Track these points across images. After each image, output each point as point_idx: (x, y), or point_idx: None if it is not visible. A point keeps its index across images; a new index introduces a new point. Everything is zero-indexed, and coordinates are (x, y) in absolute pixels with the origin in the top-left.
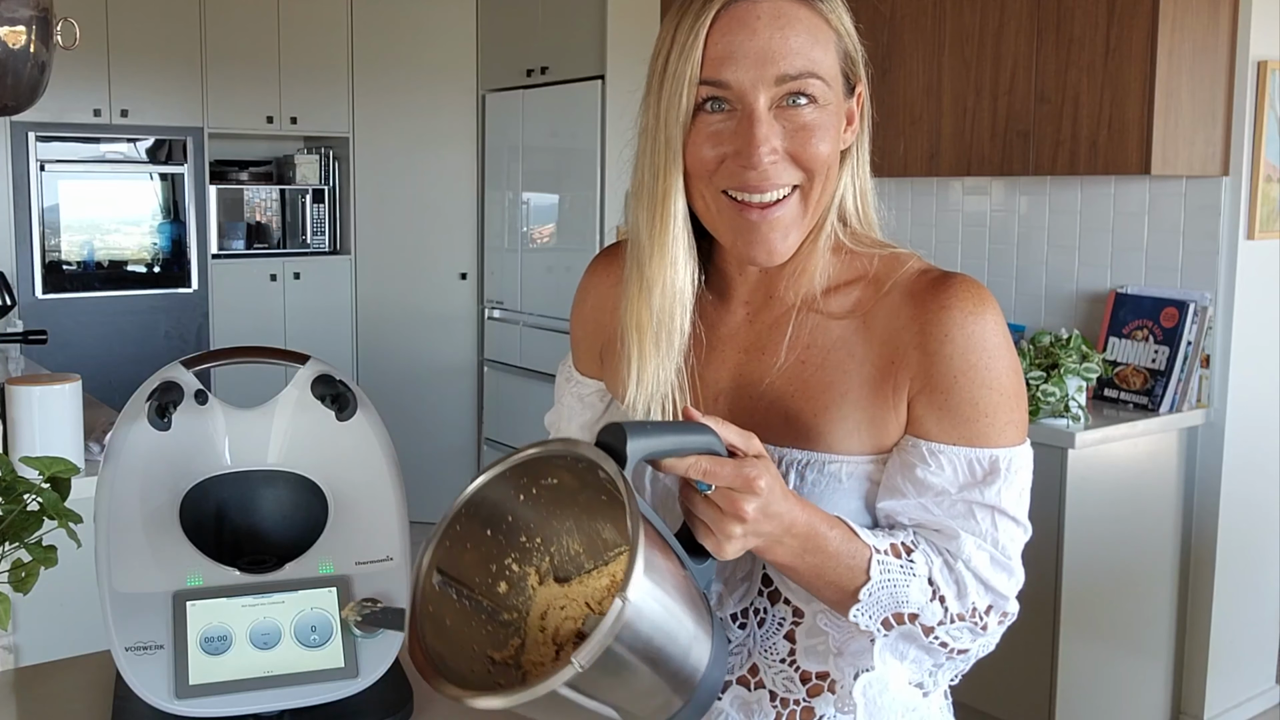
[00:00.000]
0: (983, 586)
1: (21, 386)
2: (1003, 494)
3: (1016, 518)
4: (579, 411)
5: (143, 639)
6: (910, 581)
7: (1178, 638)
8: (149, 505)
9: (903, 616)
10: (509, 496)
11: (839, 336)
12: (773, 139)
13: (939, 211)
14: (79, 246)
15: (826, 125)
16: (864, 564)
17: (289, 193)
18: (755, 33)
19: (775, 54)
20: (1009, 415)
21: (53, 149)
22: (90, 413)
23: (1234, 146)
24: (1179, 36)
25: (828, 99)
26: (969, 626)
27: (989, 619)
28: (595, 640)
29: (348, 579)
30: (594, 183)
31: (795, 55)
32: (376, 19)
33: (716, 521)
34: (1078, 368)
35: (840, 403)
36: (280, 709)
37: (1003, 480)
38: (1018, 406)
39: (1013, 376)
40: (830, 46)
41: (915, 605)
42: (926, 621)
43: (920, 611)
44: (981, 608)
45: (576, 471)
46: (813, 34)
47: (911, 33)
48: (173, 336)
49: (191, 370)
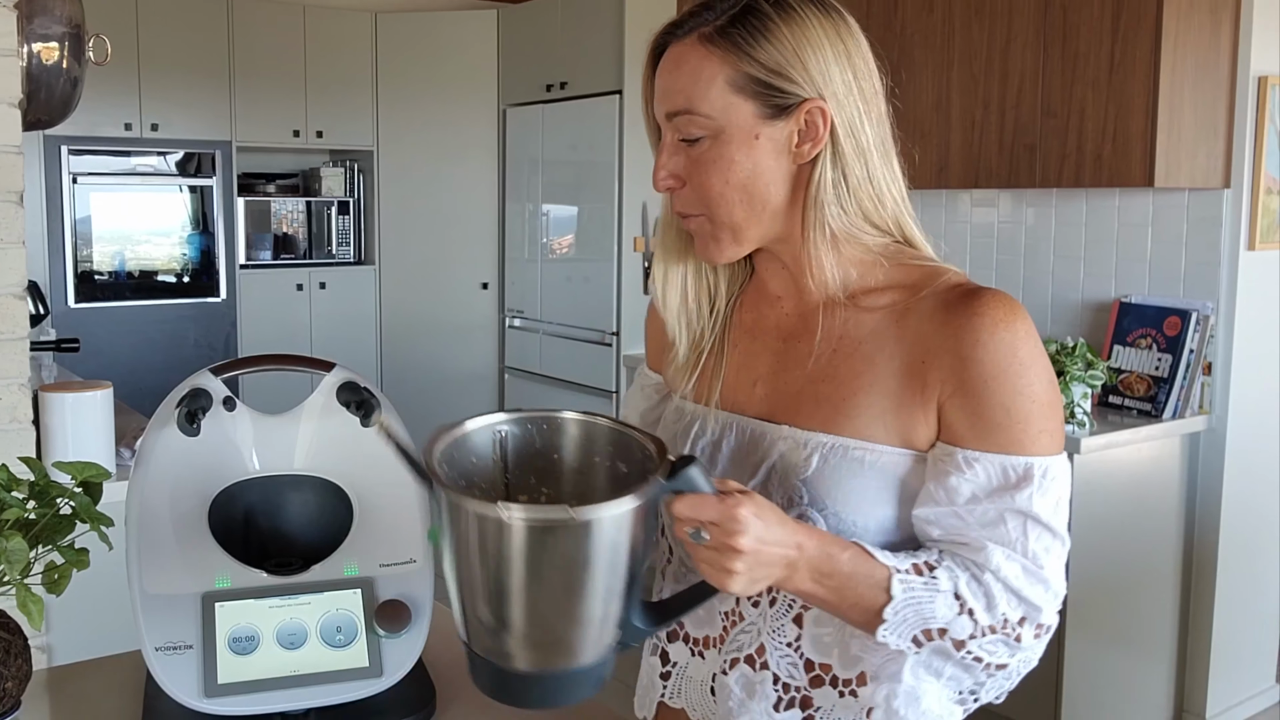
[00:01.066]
0: (1014, 597)
1: (54, 393)
2: (1035, 500)
3: (1051, 526)
4: (639, 400)
5: (172, 639)
6: (935, 597)
7: (1180, 638)
8: (178, 509)
9: (931, 633)
10: (530, 439)
11: (871, 330)
12: (671, 166)
13: (948, 223)
14: (110, 257)
15: (717, 156)
16: (885, 583)
17: (315, 204)
18: (661, 74)
19: (666, 93)
20: (1042, 423)
21: (85, 162)
22: (121, 419)
23: (1235, 159)
24: (1181, 52)
25: (717, 130)
26: (1002, 639)
27: (1023, 630)
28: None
29: (372, 581)
30: (612, 194)
31: (674, 95)
32: (400, 36)
33: (714, 561)
34: (1083, 375)
35: (868, 391)
36: (306, 707)
37: (1035, 487)
38: (1052, 416)
39: (1047, 386)
40: (716, 81)
41: (943, 620)
42: (957, 636)
43: (949, 626)
44: (1014, 619)
45: (612, 447)
46: (695, 73)
47: (922, 49)
48: (201, 345)
49: (220, 378)
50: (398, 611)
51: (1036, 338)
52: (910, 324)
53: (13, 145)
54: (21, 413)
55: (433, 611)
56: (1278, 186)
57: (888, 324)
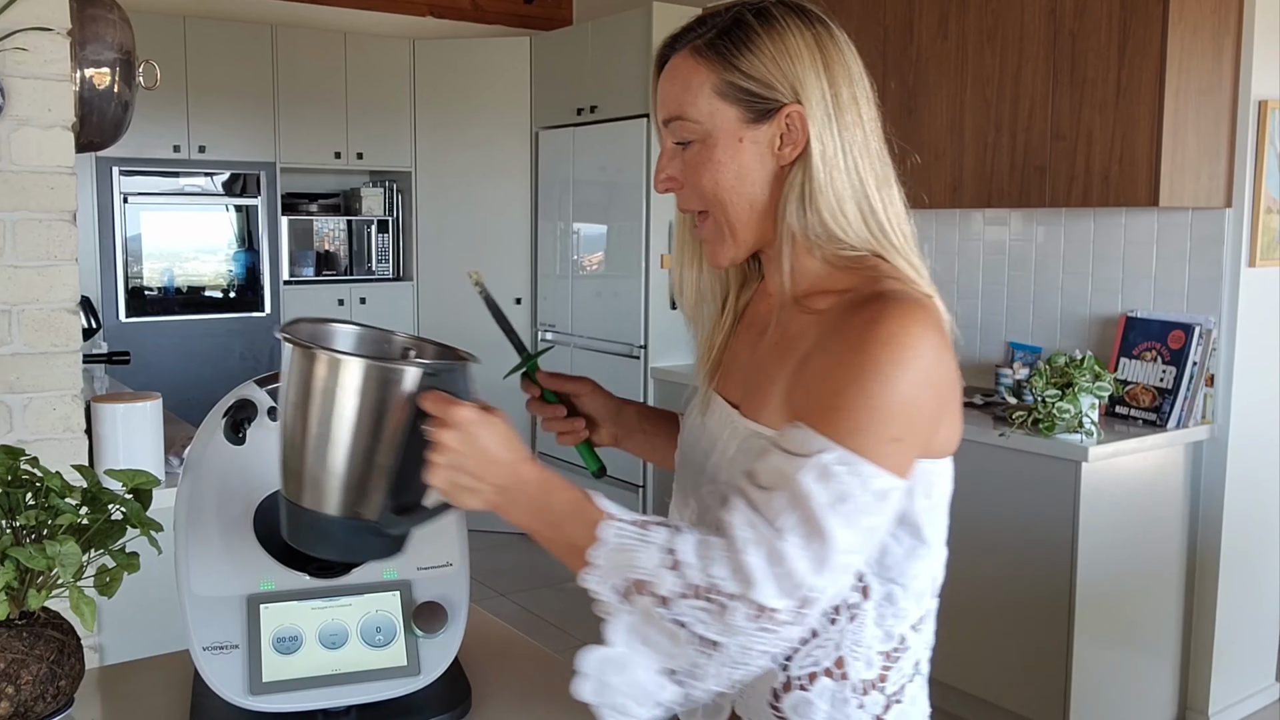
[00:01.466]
0: (736, 566)
1: (106, 404)
2: (812, 482)
3: (819, 517)
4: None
5: (219, 639)
6: (645, 548)
7: (1184, 637)
8: (225, 514)
9: (639, 586)
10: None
11: (798, 330)
12: (669, 169)
13: (961, 241)
14: (159, 273)
15: (706, 158)
16: (596, 526)
17: (355, 223)
18: (659, 85)
19: (661, 102)
20: (865, 422)
21: (135, 182)
22: (170, 428)
23: (1236, 180)
24: (1185, 77)
25: (704, 135)
26: (713, 608)
27: (735, 606)
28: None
29: (409, 583)
30: (639, 213)
31: (669, 102)
32: (437, 62)
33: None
34: (1091, 386)
35: (775, 382)
36: (347, 705)
37: (821, 471)
38: (883, 422)
39: (897, 396)
40: (704, 89)
41: (647, 571)
42: (659, 591)
43: (654, 578)
44: (726, 589)
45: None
46: (685, 81)
47: (936, 74)
48: (247, 357)
49: (264, 388)
50: (434, 613)
51: (917, 350)
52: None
53: (66, 167)
54: (75, 422)
55: (468, 613)
56: (1277, 206)
57: (813, 326)
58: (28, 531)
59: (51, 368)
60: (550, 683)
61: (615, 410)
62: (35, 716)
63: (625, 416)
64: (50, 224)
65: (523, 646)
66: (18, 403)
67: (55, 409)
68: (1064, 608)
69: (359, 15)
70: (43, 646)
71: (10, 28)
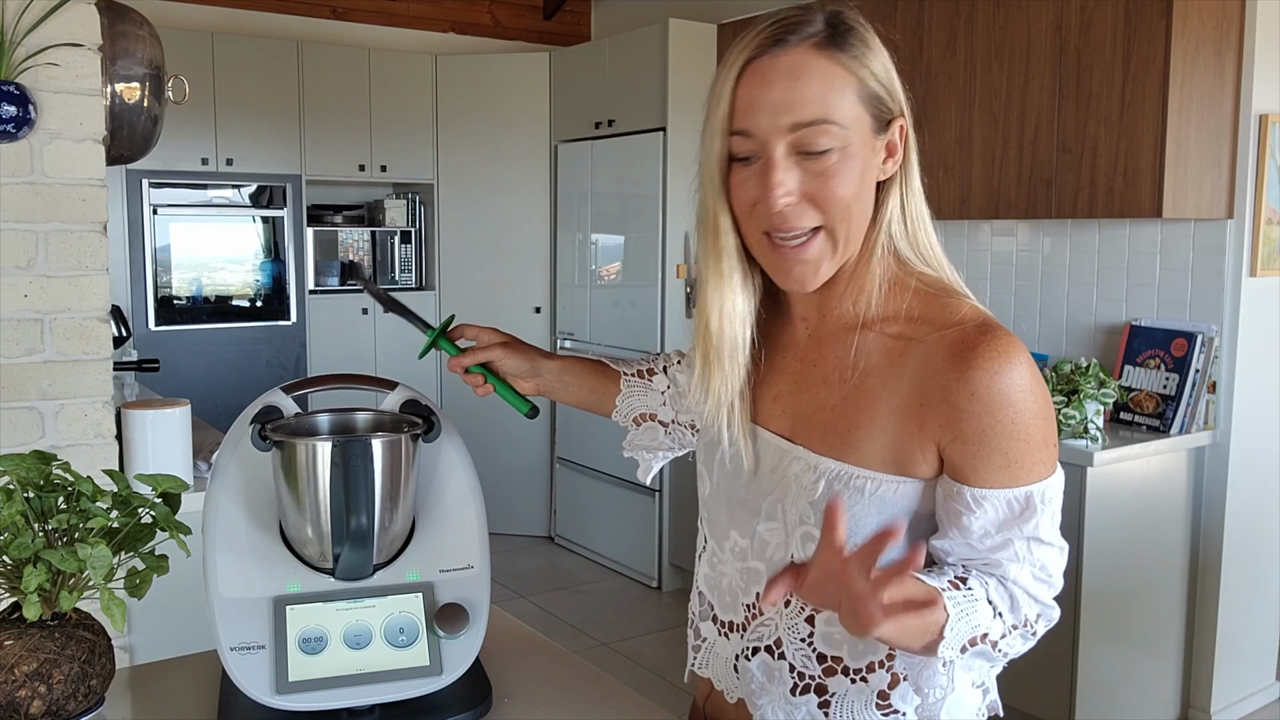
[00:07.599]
0: (1030, 599)
1: (136, 410)
2: (1040, 526)
3: (1052, 542)
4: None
5: (246, 640)
6: (976, 605)
7: (1187, 638)
8: (252, 518)
9: (976, 640)
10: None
11: (877, 363)
12: (789, 183)
13: (969, 251)
14: (188, 283)
15: (846, 169)
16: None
17: (379, 234)
18: (772, 85)
19: (789, 104)
20: (1037, 455)
21: (164, 194)
22: (198, 434)
23: (1238, 192)
24: (1188, 92)
25: (847, 141)
26: (1022, 634)
27: (1038, 626)
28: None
29: (432, 585)
30: (656, 225)
31: (808, 104)
32: (459, 77)
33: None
34: (1096, 393)
35: (870, 425)
36: (371, 703)
37: (1039, 514)
38: (1044, 445)
39: (1039, 423)
40: (848, 91)
41: (986, 626)
42: (994, 637)
43: (990, 631)
44: (1032, 617)
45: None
46: (828, 82)
47: (945, 89)
48: (273, 365)
49: (290, 395)
50: (456, 614)
51: (1032, 376)
52: (911, 361)
53: (97, 179)
54: (105, 428)
55: (488, 614)
56: (1278, 217)
57: (892, 357)
58: (60, 535)
59: (83, 375)
60: (569, 682)
61: (532, 368)
62: (67, 715)
63: (545, 371)
64: (82, 235)
65: (542, 646)
66: (50, 409)
67: (87, 415)
68: (1070, 609)
69: (383, 32)
70: (74, 647)
71: (42, 44)
